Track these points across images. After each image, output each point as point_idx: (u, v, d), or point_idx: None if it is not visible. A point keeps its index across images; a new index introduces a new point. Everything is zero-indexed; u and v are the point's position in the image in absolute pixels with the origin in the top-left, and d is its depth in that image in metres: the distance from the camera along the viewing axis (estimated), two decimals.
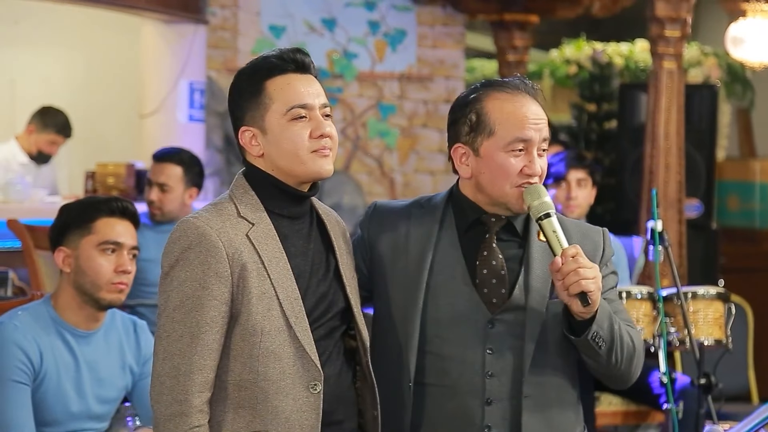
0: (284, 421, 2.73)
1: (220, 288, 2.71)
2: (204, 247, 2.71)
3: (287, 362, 2.73)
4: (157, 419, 2.72)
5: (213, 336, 2.71)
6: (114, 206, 3.62)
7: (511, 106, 2.89)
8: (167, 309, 2.73)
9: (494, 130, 2.88)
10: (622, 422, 5.73)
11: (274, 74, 2.79)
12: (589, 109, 8.61)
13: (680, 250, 6.54)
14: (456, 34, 8.26)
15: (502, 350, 2.87)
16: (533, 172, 2.86)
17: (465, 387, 2.87)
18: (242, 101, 2.81)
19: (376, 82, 8.13)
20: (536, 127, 2.87)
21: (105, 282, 3.56)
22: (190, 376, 2.69)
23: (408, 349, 2.88)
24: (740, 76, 9.02)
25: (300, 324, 2.75)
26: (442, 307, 2.89)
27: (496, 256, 2.90)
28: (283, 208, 2.82)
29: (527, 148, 2.87)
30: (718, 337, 4.83)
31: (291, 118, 2.77)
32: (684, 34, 6.57)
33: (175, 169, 5.57)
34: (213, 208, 2.79)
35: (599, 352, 2.83)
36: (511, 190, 2.87)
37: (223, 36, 7.89)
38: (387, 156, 8.09)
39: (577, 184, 5.46)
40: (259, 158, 2.82)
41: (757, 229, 8.62)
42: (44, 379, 3.52)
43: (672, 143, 6.58)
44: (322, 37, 8.02)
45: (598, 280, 2.74)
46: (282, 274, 2.75)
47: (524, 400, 2.85)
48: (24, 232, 5.17)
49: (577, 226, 2.99)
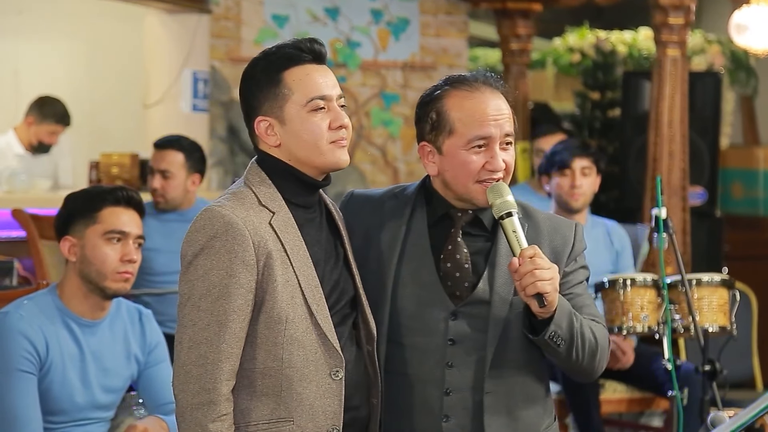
0: (308, 408, 2.76)
1: (247, 276, 2.72)
2: (231, 235, 2.72)
3: (310, 349, 2.76)
4: (183, 408, 2.72)
5: (240, 324, 2.72)
6: (119, 195, 3.62)
7: (470, 103, 2.91)
8: (192, 298, 2.73)
9: (454, 129, 2.91)
10: (627, 409, 5.74)
11: (291, 65, 2.81)
12: (593, 97, 8.60)
13: (684, 237, 6.54)
14: (459, 23, 8.26)
15: (464, 342, 2.90)
16: (495, 167, 2.88)
17: (425, 376, 2.90)
18: (258, 91, 2.82)
19: (380, 71, 8.13)
20: (496, 123, 2.89)
21: (111, 271, 3.57)
22: (219, 365, 2.70)
23: (379, 336, 2.91)
24: (744, 63, 9.00)
25: (321, 311, 2.78)
26: (407, 297, 2.92)
27: (460, 250, 2.93)
28: (298, 197, 2.84)
29: (488, 145, 2.89)
30: (723, 323, 4.84)
31: (311, 110, 2.80)
32: (687, 21, 6.56)
33: (177, 155, 5.58)
34: (233, 197, 2.80)
35: (558, 350, 2.85)
36: (474, 186, 2.90)
37: (226, 25, 7.89)
38: (390, 145, 8.09)
39: (581, 172, 5.43)
40: (274, 148, 2.84)
41: (761, 216, 8.62)
42: (50, 368, 3.53)
43: (676, 131, 6.57)
44: (325, 27, 8.02)
45: (555, 282, 2.76)
46: (303, 262, 2.78)
47: (486, 396, 2.87)
48: (29, 222, 5.18)
49: (548, 220, 3.01)
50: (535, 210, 3.03)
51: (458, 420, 2.88)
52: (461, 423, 2.88)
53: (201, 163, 5.65)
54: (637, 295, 4.83)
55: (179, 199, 5.56)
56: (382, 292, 2.92)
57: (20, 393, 3.47)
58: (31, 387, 3.49)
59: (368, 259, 2.96)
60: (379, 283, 2.93)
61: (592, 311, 2.97)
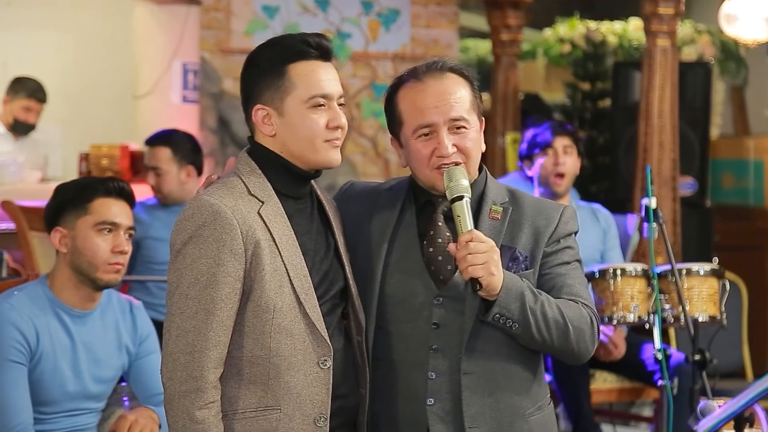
0: (295, 397, 2.78)
1: (235, 265, 2.73)
2: (219, 225, 2.73)
3: (298, 338, 2.78)
4: (171, 396, 2.74)
5: (227, 313, 2.74)
6: (110, 186, 3.62)
7: (412, 93, 2.97)
8: (180, 286, 2.75)
9: (402, 120, 2.98)
10: (617, 399, 5.76)
11: (297, 59, 2.82)
12: (583, 87, 8.60)
13: (674, 227, 6.55)
14: (449, 14, 8.24)
15: (447, 325, 2.92)
16: (442, 153, 2.92)
17: (410, 361, 2.93)
18: (260, 80, 2.84)
19: (370, 62, 8.12)
20: (437, 109, 2.93)
21: (102, 262, 3.57)
22: (206, 353, 2.72)
23: (368, 323, 2.93)
24: (734, 53, 9.00)
25: (310, 301, 2.79)
26: (394, 284, 2.96)
27: (442, 235, 2.96)
28: (288, 188, 2.86)
29: (434, 131, 2.93)
30: (713, 313, 4.85)
31: (311, 106, 2.82)
32: (677, 11, 6.56)
33: (164, 151, 5.60)
34: (223, 186, 2.82)
35: (513, 332, 2.86)
36: (431, 173, 2.95)
37: (216, 17, 7.87)
38: (381, 136, 8.08)
39: (563, 151, 5.48)
40: (269, 137, 2.85)
41: (751, 206, 8.62)
42: (41, 359, 3.53)
43: (666, 121, 6.58)
44: (315, 18, 8.00)
45: (489, 266, 2.77)
46: (292, 252, 2.79)
47: (464, 377, 2.89)
48: (18, 214, 5.18)
49: (535, 204, 3.03)
50: (524, 194, 3.06)
51: (442, 403, 2.90)
52: (444, 406, 2.90)
53: (193, 154, 5.65)
54: (627, 285, 4.84)
55: (176, 192, 5.58)
56: (371, 280, 2.95)
57: (10, 383, 3.47)
58: (21, 377, 3.49)
59: (359, 247, 2.98)
60: (369, 271, 2.95)
61: (574, 291, 2.95)
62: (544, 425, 3.00)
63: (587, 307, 2.95)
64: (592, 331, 2.94)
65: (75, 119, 8.65)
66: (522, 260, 2.94)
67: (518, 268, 2.93)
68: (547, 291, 2.93)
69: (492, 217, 2.95)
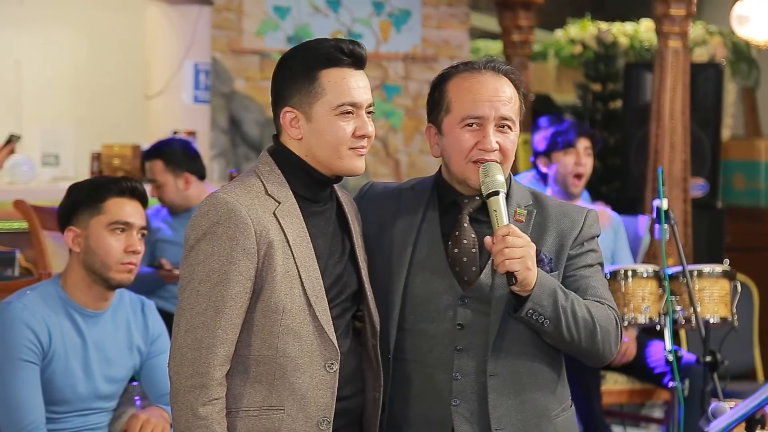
0: (300, 398, 2.78)
1: (247, 264, 2.74)
2: (233, 223, 2.74)
3: (306, 340, 2.78)
4: (176, 390, 2.76)
5: (236, 311, 2.75)
6: (123, 186, 3.63)
7: (468, 83, 2.96)
8: (192, 282, 2.76)
9: (450, 107, 2.96)
10: (628, 400, 5.75)
11: (330, 65, 2.82)
12: (594, 88, 8.60)
13: (685, 229, 6.54)
14: (460, 14, 8.25)
15: (472, 326, 2.92)
16: (486, 147, 2.91)
17: (434, 361, 2.92)
18: (292, 82, 2.84)
19: (381, 63, 8.13)
20: (491, 104, 2.93)
21: (115, 262, 3.58)
22: (213, 349, 2.73)
23: (389, 322, 2.93)
24: (745, 54, 9.00)
25: (320, 303, 2.79)
26: (419, 284, 2.95)
27: (468, 236, 2.95)
28: (307, 191, 2.86)
29: (482, 125, 2.93)
30: (724, 314, 4.85)
31: (339, 113, 2.82)
32: (689, 12, 6.56)
33: (157, 163, 5.63)
34: (241, 184, 2.82)
35: (544, 329, 2.86)
36: (467, 165, 2.94)
37: (227, 17, 7.89)
38: (392, 137, 8.09)
39: (585, 152, 5.48)
40: (294, 140, 2.85)
41: (763, 208, 8.61)
42: (53, 358, 3.54)
43: (677, 122, 6.57)
44: (327, 18, 8.01)
45: (526, 260, 2.78)
46: (305, 253, 2.80)
47: (490, 378, 2.89)
48: (31, 213, 5.20)
49: (559, 207, 3.03)
50: (548, 197, 3.06)
51: (467, 404, 2.90)
52: (470, 407, 2.90)
53: (187, 161, 5.63)
54: (638, 287, 4.84)
55: (178, 201, 5.61)
56: (396, 279, 2.94)
57: (23, 382, 3.48)
58: (34, 377, 3.49)
59: (382, 247, 2.98)
60: (393, 270, 2.95)
61: (599, 293, 2.96)
62: (568, 427, 3.01)
63: (612, 310, 2.96)
64: (617, 333, 2.96)
65: (87, 119, 8.67)
66: (547, 262, 2.94)
67: (544, 269, 2.91)
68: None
69: (516, 220, 2.95)
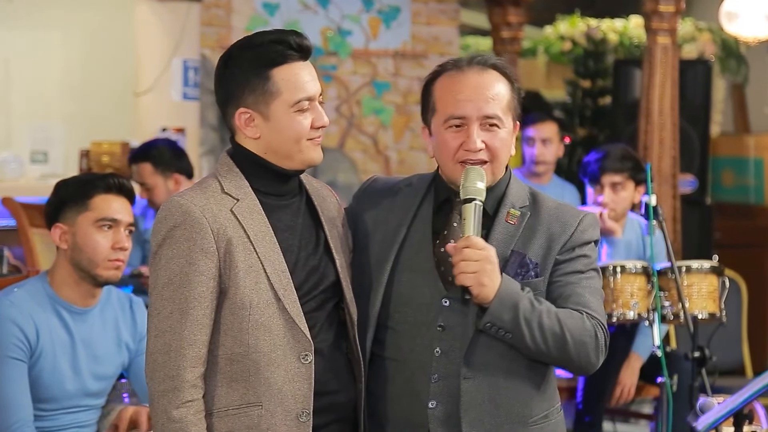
0: (277, 392, 2.78)
1: (207, 263, 2.75)
2: (189, 224, 2.75)
3: (277, 334, 2.78)
4: (152, 395, 2.77)
5: (202, 311, 2.75)
6: (111, 183, 3.62)
7: (451, 83, 2.92)
8: (156, 287, 2.77)
9: (436, 108, 2.94)
10: None
11: (281, 62, 2.82)
12: (584, 85, 8.61)
13: (674, 225, 6.55)
14: (450, 11, 8.24)
15: (453, 328, 2.88)
16: (469, 147, 2.88)
17: (414, 362, 2.89)
18: (243, 83, 2.83)
19: (371, 60, 8.12)
20: (473, 103, 2.88)
21: (102, 259, 3.57)
22: (181, 352, 2.74)
23: (368, 319, 2.91)
24: (734, 51, 9.01)
25: (288, 296, 2.79)
26: (403, 282, 2.93)
27: (456, 236, 2.90)
28: (269, 187, 2.86)
29: (465, 124, 2.89)
30: (713, 310, 4.85)
31: (297, 110, 2.82)
32: (678, 9, 6.57)
33: (144, 166, 5.61)
34: (197, 187, 2.85)
35: (505, 339, 2.82)
36: (455, 166, 2.91)
37: (216, 13, 7.87)
38: (382, 133, 8.08)
39: (611, 188, 5.29)
40: (251, 139, 2.85)
41: (752, 204, 8.63)
42: (40, 356, 3.53)
43: (666, 119, 6.58)
44: (316, 15, 8.00)
45: (479, 276, 2.75)
46: (268, 247, 2.79)
47: (463, 381, 2.84)
48: (19, 210, 5.19)
49: (555, 209, 2.95)
50: (547, 198, 2.98)
51: (444, 406, 2.86)
52: (447, 409, 2.86)
53: (175, 161, 5.62)
54: (626, 282, 4.84)
55: None
56: (379, 276, 2.92)
57: (10, 380, 3.47)
58: (21, 374, 3.49)
59: (372, 243, 2.96)
60: (378, 267, 2.93)
61: (582, 301, 2.87)
62: None
63: (593, 319, 2.87)
64: (596, 343, 2.86)
65: (76, 116, 8.64)
66: (532, 267, 2.88)
67: (527, 274, 2.87)
68: (555, 299, 2.86)
69: (508, 221, 2.90)
